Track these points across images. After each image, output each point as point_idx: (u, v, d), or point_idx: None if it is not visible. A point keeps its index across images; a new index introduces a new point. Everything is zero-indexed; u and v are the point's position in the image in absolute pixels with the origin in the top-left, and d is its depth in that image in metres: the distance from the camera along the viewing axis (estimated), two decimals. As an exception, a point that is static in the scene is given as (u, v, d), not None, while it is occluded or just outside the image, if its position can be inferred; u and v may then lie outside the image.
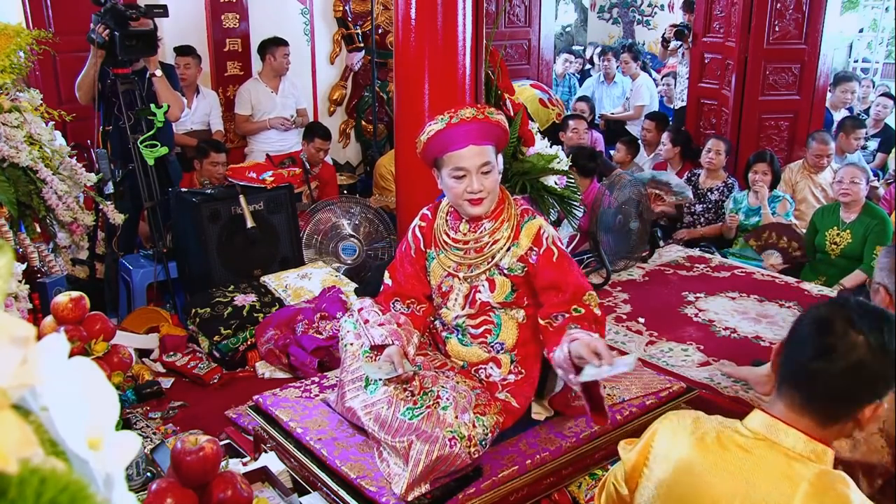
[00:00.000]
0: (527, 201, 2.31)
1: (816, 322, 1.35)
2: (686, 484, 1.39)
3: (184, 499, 1.43)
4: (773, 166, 4.61)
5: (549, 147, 3.70)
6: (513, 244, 2.15)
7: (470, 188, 2.08)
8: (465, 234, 2.20)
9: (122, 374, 2.42)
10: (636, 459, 1.49)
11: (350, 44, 6.21)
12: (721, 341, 3.22)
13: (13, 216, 2.75)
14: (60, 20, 4.57)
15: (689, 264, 4.17)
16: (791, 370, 1.38)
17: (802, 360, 1.35)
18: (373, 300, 2.32)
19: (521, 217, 2.18)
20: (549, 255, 2.12)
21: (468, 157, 2.06)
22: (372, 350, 2.15)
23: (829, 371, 1.31)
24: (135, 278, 3.65)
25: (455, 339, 2.26)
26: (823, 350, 1.31)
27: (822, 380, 1.33)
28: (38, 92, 3.01)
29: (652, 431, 1.50)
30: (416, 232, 2.31)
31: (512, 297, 2.18)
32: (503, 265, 2.16)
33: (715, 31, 5.65)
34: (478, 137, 2.07)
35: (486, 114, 2.09)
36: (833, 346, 1.30)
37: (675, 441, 1.44)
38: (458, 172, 2.08)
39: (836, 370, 1.30)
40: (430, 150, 2.13)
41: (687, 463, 1.40)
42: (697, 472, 1.38)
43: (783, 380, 1.39)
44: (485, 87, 3.72)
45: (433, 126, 2.09)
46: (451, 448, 1.89)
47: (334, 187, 5.10)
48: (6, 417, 0.49)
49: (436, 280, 2.26)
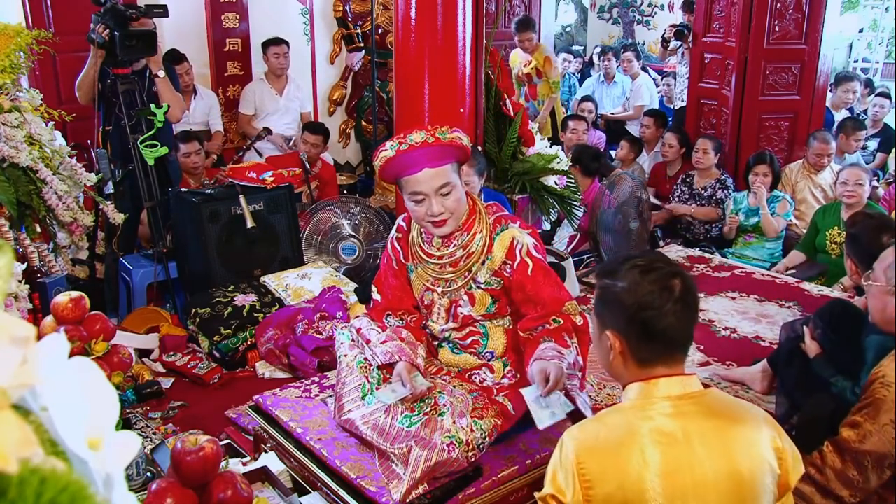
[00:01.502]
0: (526, 202, 2.31)
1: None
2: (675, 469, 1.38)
3: (184, 499, 1.43)
4: (773, 167, 4.61)
5: (549, 147, 3.70)
6: (486, 257, 2.10)
7: (430, 211, 2.01)
8: (439, 248, 2.14)
9: (122, 374, 2.41)
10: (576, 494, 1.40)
11: (350, 44, 6.21)
12: (721, 341, 3.22)
13: (13, 216, 2.75)
14: (60, 20, 4.57)
15: (689, 264, 4.17)
16: None
17: None
18: (368, 316, 2.29)
19: (494, 227, 2.12)
20: (523, 268, 2.07)
21: (424, 181, 1.99)
22: (381, 370, 2.13)
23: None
24: (135, 278, 3.65)
25: (446, 347, 2.26)
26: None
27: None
28: (38, 92, 3.01)
29: (572, 465, 1.40)
30: (394, 244, 2.27)
31: (494, 309, 2.15)
32: (479, 279, 2.12)
33: (715, 31, 5.65)
34: (432, 160, 1.99)
35: (436, 136, 1.99)
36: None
37: (613, 456, 1.39)
38: (417, 197, 2.02)
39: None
40: (386, 175, 2.08)
41: (658, 461, 1.38)
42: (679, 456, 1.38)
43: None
44: (485, 87, 3.72)
45: (384, 153, 2.03)
46: (450, 454, 1.89)
47: (334, 187, 5.09)
48: (6, 417, 0.49)
49: (417, 293, 2.24)
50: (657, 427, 1.39)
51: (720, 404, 1.47)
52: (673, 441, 1.38)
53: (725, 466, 1.38)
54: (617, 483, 1.36)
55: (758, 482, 1.39)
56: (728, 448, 1.39)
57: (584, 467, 1.38)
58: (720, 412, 1.44)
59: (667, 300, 1.41)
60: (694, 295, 1.46)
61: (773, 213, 4.54)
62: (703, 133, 5.60)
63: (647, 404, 1.43)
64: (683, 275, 1.46)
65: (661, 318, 1.41)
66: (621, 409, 1.48)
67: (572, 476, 1.39)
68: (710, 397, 1.47)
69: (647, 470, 1.36)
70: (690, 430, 1.39)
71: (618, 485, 1.36)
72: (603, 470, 1.38)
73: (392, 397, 2.01)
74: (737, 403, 1.53)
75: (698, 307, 1.50)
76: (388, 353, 2.10)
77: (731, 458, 1.38)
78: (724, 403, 1.49)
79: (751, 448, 1.40)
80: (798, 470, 1.45)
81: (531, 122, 5.79)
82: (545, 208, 3.76)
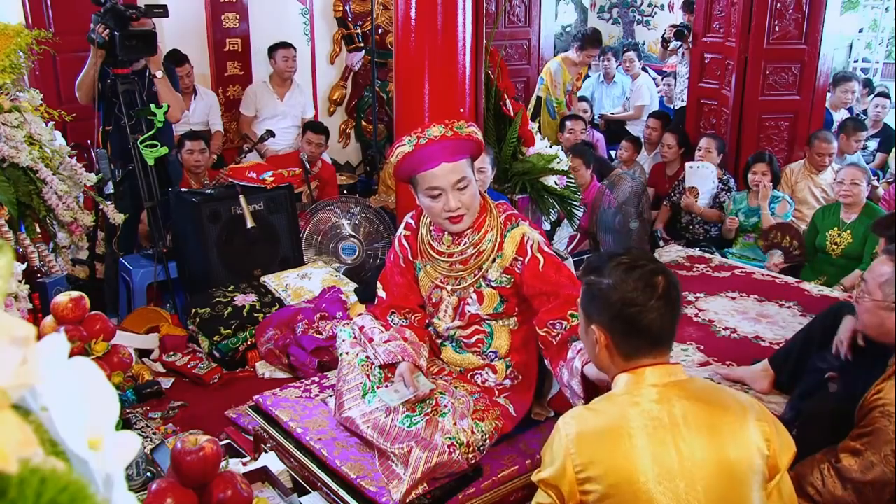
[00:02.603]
0: (526, 202, 2.31)
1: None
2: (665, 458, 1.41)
3: (184, 499, 1.43)
4: (773, 167, 4.61)
5: (549, 147, 3.70)
6: (497, 255, 2.10)
7: (447, 206, 2.02)
8: (449, 246, 2.14)
9: (122, 374, 2.42)
10: (568, 489, 1.43)
11: (350, 44, 6.21)
12: (721, 341, 3.22)
13: (13, 216, 2.75)
14: (60, 20, 4.57)
15: (689, 264, 4.17)
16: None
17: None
18: (371, 315, 2.28)
19: (505, 225, 2.13)
20: (534, 264, 2.07)
21: (441, 176, 2.00)
22: (383, 369, 2.13)
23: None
24: (135, 278, 3.65)
25: (450, 346, 2.26)
26: None
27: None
28: (38, 92, 3.01)
29: (565, 449, 1.44)
30: (401, 241, 2.26)
31: (501, 308, 2.15)
32: (490, 278, 2.12)
33: (715, 31, 5.65)
34: (449, 154, 2.00)
35: (454, 129, 2.01)
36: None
37: (603, 441, 1.44)
38: (433, 192, 2.02)
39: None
40: (401, 172, 2.07)
41: (644, 447, 1.41)
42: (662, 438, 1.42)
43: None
44: (485, 87, 3.72)
45: (401, 148, 2.03)
46: (450, 455, 1.89)
47: (334, 187, 5.09)
48: (6, 417, 0.49)
49: (425, 291, 2.23)
50: (645, 411, 1.44)
51: (704, 390, 1.52)
52: (659, 424, 1.43)
53: (713, 448, 1.41)
54: (607, 465, 1.41)
55: (745, 463, 1.42)
56: (714, 430, 1.42)
57: (576, 451, 1.43)
58: (705, 397, 1.48)
59: (650, 297, 1.46)
60: (677, 291, 1.51)
61: (773, 213, 4.54)
62: (703, 133, 5.60)
63: (635, 391, 1.48)
64: (667, 272, 1.52)
65: (644, 314, 1.46)
66: (611, 396, 1.53)
67: (565, 459, 1.43)
68: (694, 384, 1.52)
69: (634, 452, 1.41)
70: (676, 413, 1.44)
71: (608, 467, 1.41)
72: (593, 453, 1.43)
73: (395, 398, 2.01)
74: (720, 389, 1.59)
75: (681, 304, 1.55)
76: (391, 353, 2.10)
77: (718, 440, 1.42)
78: (709, 389, 1.54)
79: (737, 430, 1.43)
80: (788, 450, 1.48)
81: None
82: (545, 208, 3.76)
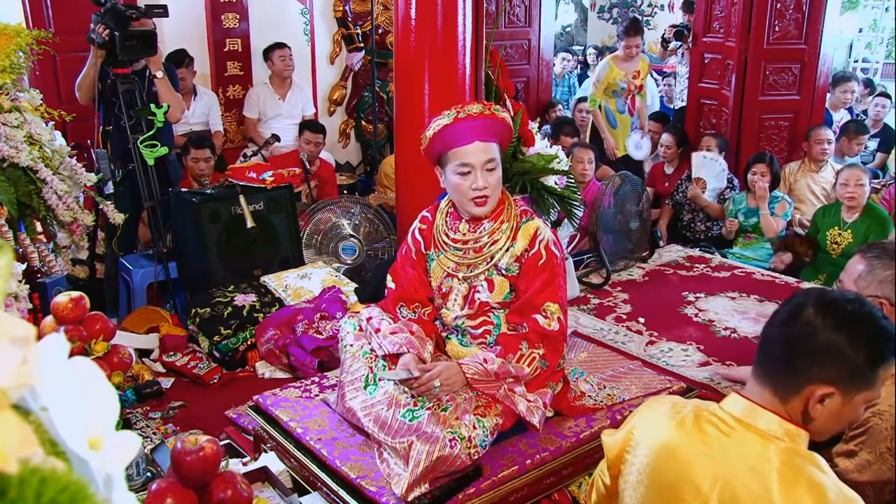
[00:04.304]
0: (526, 202, 2.32)
1: (790, 299, 1.40)
2: (668, 469, 1.39)
3: (184, 499, 1.43)
4: (773, 167, 4.61)
5: (548, 147, 3.70)
6: (511, 245, 2.17)
7: (475, 185, 2.09)
8: (465, 234, 2.21)
9: (122, 374, 2.42)
10: (618, 447, 1.50)
11: (350, 44, 6.21)
12: (721, 341, 3.22)
13: (13, 216, 2.75)
14: (60, 20, 4.57)
15: (689, 264, 4.17)
16: (759, 343, 1.44)
17: (765, 329, 1.43)
18: (380, 307, 2.31)
19: (521, 218, 2.20)
20: (536, 257, 2.15)
21: (474, 153, 2.08)
22: (386, 359, 2.15)
23: (778, 337, 1.37)
24: (135, 278, 3.65)
25: (455, 339, 2.28)
26: (779, 318, 1.38)
27: (771, 344, 1.39)
28: (38, 92, 3.01)
29: (632, 418, 1.53)
30: (416, 235, 2.32)
31: (510, 297, 2.19)
32: (501, 265, 2.17)
33: (715, 31, 5.65)
34: (484, 133, 2.09)
35: (492, 110, 2.11)
36: (788, 314, 1.36)
37: (655, 427, 1.45)
38: (464, 168, 2.09)
39: (784, 336, 1.35)
40: (435, 146, 2.13)
41: (668, 448, 1.40)
42: (679, 456, 1.38)
43: (755, 358, 1.44)
44: (485, 87, 3.72)
45: (440, 121, 2.10)
46: (452, 449, 1.89)
47: (333, 186, 5.10)
48: (6, 417, 0.49)
49: (436, 281, 2.27)
50: (683, 414, 1.44)
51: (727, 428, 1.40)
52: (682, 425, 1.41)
53: (720, 474, 1.33)
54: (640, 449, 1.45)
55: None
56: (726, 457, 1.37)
57: (635, 431, 1.48)
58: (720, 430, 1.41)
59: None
60: None
61: (773, 213, 4.54)
62: (703, 133, 5.60)
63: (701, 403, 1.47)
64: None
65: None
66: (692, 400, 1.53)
67: (624, 436, 1.49)
68: (725, 425, 1.39)
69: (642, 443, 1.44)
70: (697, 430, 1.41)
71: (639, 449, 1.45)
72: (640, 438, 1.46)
73: (400, 375, 2.04)
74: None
75: None
76: (397, 344, 2.13)
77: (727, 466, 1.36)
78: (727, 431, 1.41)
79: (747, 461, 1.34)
80: None
81: (633, 135, 5.76)
82: (545, 208, 3.75)
